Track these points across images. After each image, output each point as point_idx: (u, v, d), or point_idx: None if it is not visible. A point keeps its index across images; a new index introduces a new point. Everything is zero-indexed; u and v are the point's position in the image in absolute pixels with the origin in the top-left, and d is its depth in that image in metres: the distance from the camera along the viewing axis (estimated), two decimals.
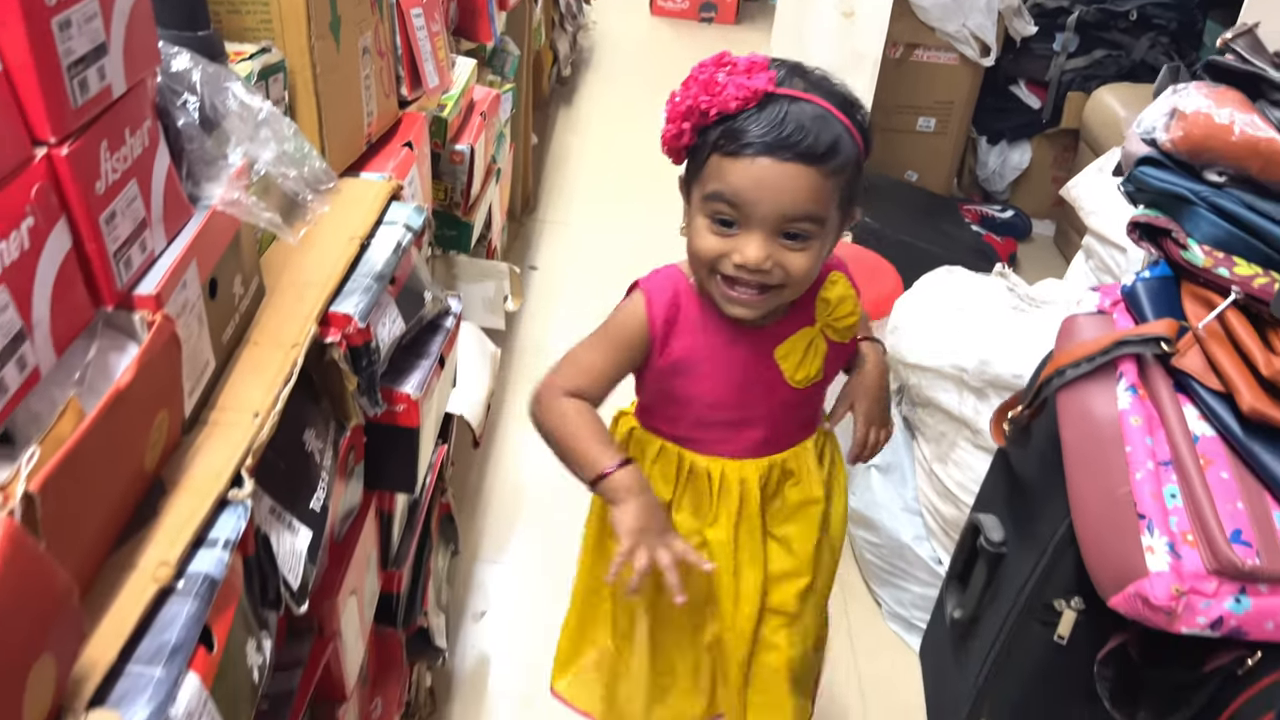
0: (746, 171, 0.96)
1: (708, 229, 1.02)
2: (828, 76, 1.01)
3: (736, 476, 1.14)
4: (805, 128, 0.94)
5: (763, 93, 0.95)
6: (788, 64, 1.01)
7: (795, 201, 0.96)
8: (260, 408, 0.89)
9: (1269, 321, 0.96)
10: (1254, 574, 0.91)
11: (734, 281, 1.01)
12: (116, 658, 0.67)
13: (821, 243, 1.01)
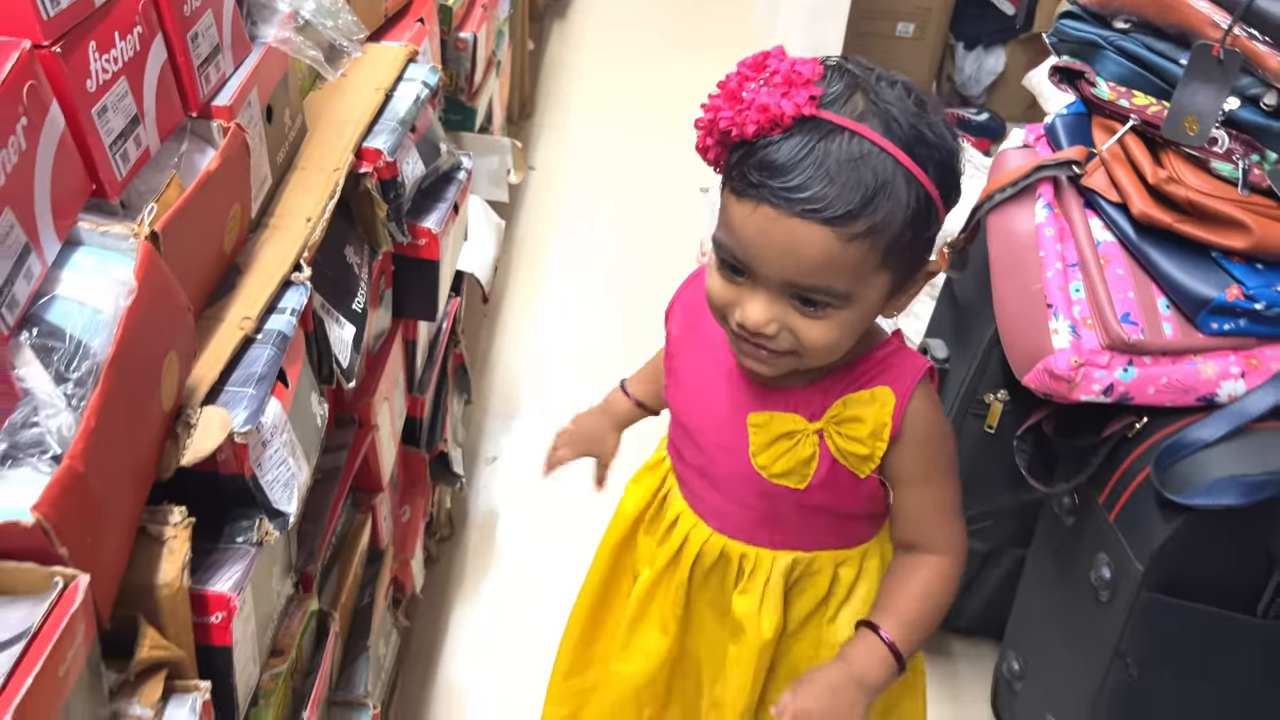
0: (749, 219, 0.78)
1: (717, 270, 0.84)
2: (906, 97, 0.79)
3: (686, 532, 1.00)
4: (827, 175, 0.75)
5: (790, 119, 0.76)
6: (851, 74, 0.79)
7: (802, 268, 0.78)
8: (311, 214, 1.06)
9: (1160, 144, 1.14)
10: (1138, 346, 1.09)
11: (740, 337, 0.85)
12: (218, 378, 0.85)
13: (851, 314, 0.81)
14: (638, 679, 1.06)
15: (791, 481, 0.92)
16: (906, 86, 0.81)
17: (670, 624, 1.03)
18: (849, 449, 0.89)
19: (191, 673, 0.78)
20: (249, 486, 0.85)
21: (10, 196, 0.68)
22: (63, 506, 0.63)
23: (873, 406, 0.88)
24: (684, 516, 1.01)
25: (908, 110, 0.78)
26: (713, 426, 0.96)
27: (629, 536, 1.09)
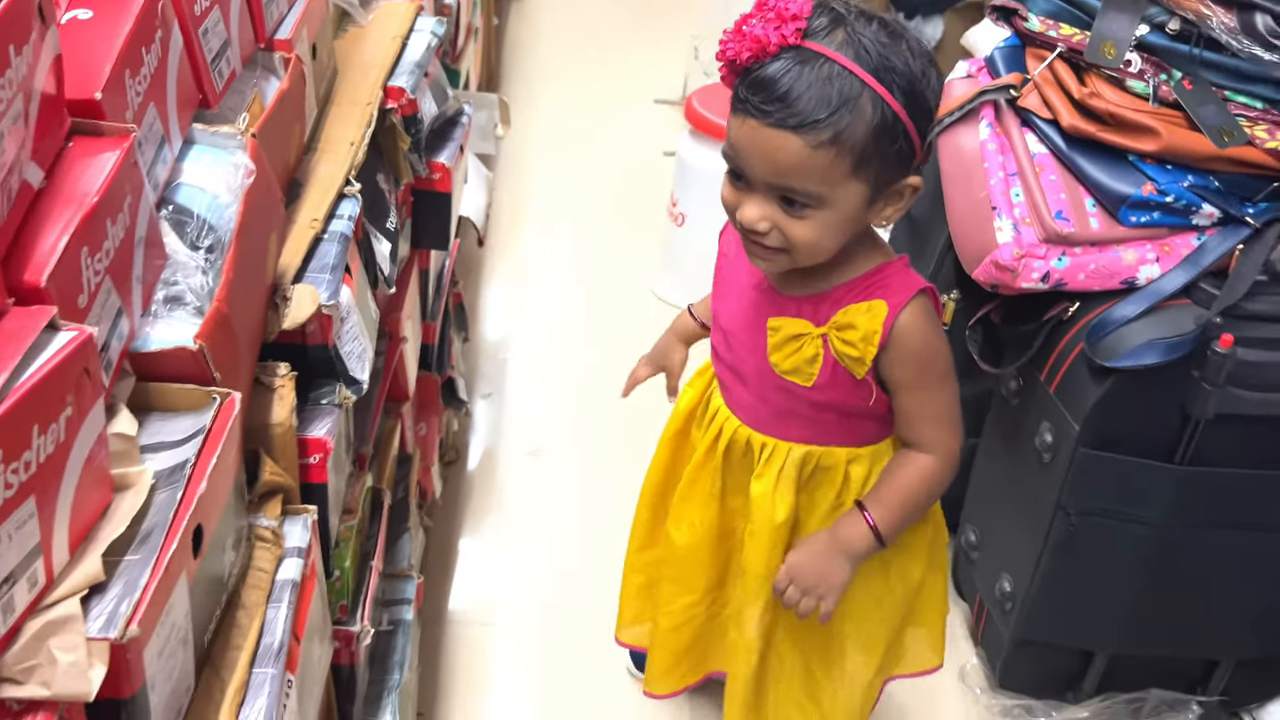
0: (739, 130, 0.94)
1: (726, 178, 1.00)
2: (885, 31, 0.93)
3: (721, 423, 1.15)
4: (798, 92, 0.89)
5: (776, 47, 0.90)
6: (835, 11, 0.93)
7: (779, 170, 0.93)
8: (354, 140, 1.21)
9: (1084, 67, 1.32)
10: (1070, 238, 1.28)
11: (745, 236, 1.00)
12: (299, 266, 1.00)
13: (828, 215, 0.95)
14: (687, 548, 1.23)
15: (799, 379, 1.06)
16: (884, 22, 0.95)
17: (711, 502, 1.20)
18: (845, 351, 1.03)
19: (299, 500, 0.93)
20: (331, 356, 1.00)
21: (154, 94, 0.83)
22: (215, 339, 0.79)
23: (867, 315, 1.01)
24: (720, 410, 1.16)
25: (879, 41, 0.92)
26: (741, 328, 1.10)
27: (684, 429, 1.24)
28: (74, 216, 0.68)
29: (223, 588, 0.78)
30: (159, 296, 0.81)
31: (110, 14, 0.80)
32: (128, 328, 0.75)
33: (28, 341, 0.60)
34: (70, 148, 0.73)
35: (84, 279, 0.68)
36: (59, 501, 0.61)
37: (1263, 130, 1.25)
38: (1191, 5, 1.25)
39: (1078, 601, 1.41)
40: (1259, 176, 1.27)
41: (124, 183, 0.73)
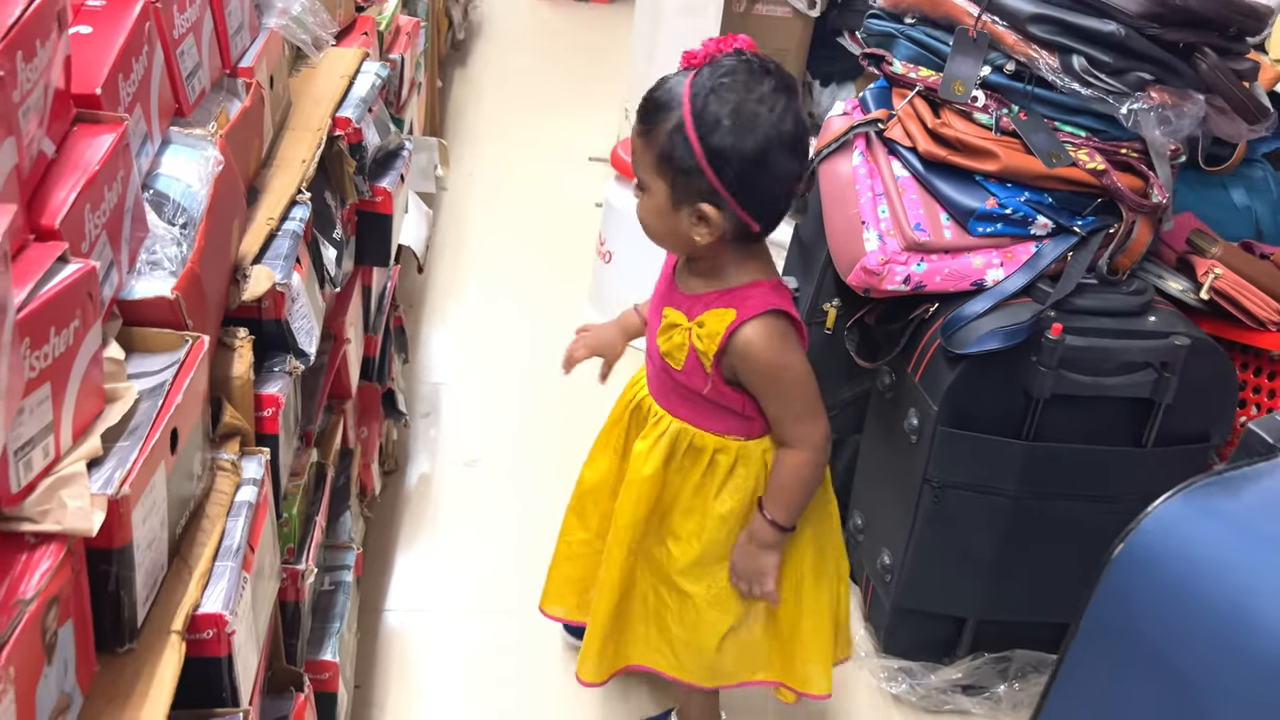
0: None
1: None
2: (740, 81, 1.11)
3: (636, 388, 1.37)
4: (648, 95, 1.17)
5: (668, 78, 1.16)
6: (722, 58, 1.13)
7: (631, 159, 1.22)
8: (305, 157, 1.39)
9: (939, 103, 1.55)
10: (926, 246, 1.49)
11: None
12: (256, 253, 1.17)
13: (649, 201, 1.18)
14: (591, 485, 1.45)
15: (673, 361, 1.26)
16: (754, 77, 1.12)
17: (615, 453, 1.42)
18: (698, 345, 1.22)
19: (254, 445, 1.08)
20: (283, 330, 1.17)
21: (140, 98, 1.00)
22: (189, 293, 0.95)
23: (717, 319, 1.20)
24: (640, 379, 1.38)
25: (720, 84, 1.11)
26: (653, 313, 1.32)
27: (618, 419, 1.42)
28: (80, 179, 0.85)
29: (190, 500, 0.94)
30: (141, 259, 0.98)
31: (106, 31, 0.98)
32: (117, 279, 0.92)
33: (45, 267, 0.77)
34: (75, 130, 0.90)
35: (86, 229, 0.85)
36: (66, 392, 0.77)
37: (1084, 154, 1.48)
38: (1023, 50, 1.48)
39: (947, 571, 1.59)
40: (1084, 193, 1.50)
41: (118, 159, 0.91)
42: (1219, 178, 2.10)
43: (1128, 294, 1.48)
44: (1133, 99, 1.42)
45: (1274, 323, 1.47)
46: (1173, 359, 1.43)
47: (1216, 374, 1.46)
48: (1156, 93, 1.43)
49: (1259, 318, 1.48)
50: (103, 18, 1.00)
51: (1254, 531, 0.75)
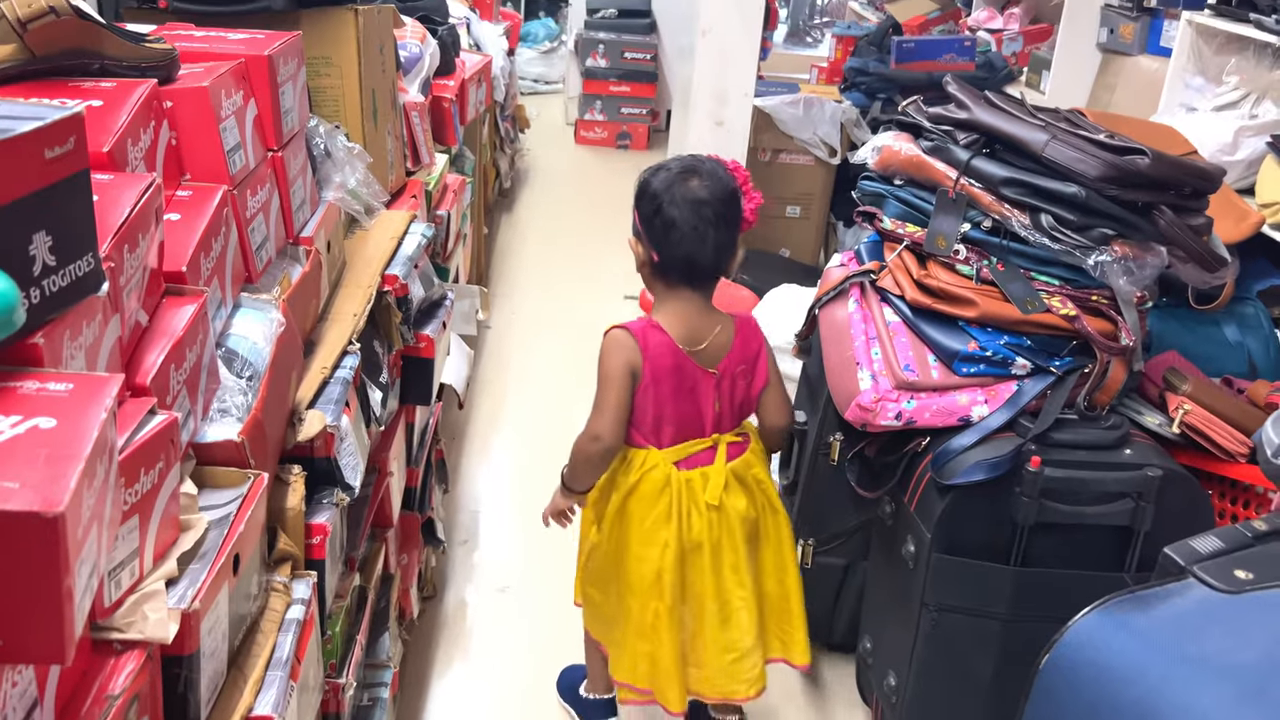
0: None
1: None
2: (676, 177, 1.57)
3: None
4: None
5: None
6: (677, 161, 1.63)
7: None
8: (356, 312, 1.58)
9: (925, 256, 1.71)
10: (915, 385, 1.63)
11: None
12: (311, 398, 1.34)
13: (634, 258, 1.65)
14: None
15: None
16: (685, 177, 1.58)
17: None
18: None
19: (304, 568, 1.23)
20: (332, 467, 1.33)
21: (217, 270, 1.19)
22: (253, 436, 1.12)
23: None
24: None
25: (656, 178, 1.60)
26: None
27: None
28: (167, 344, 1.02)
29: (247, 617, 1.08)
30: (214, 407, 1.15)
31: (192, 217, 1.17)
32: (193, 425, 1.09)
33: (138, 419, 0.94)
34: (164, 302, 1.08)
35: (171, 385, 1.02)
36: (150, 523, 0.93)
37: (1058, 301, 1.62)
38: (998, 209, 1.64)
39: (949, 692, 1.67)
40: (1060, 336, 1.63)
41: (197, 326, 1.09)
42: (1212, 315, 2.22)
43: (1105, 429, 1.60)
44: (1098, 252, 1.57)
45: (1242, 454, 1.58)
46: (1147, 489, 1.53)
47: (1191, 502, 1.57)
48: (1120, 246, 1.58)
49: (1228, 450, 1.59)
50: (189, 205, 1.19)
51: (1160, 644, 0.86)
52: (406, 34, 2.50)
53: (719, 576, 1.62)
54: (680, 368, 1.59)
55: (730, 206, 1.60)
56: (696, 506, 1.60)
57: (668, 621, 1.61)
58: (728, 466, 1.61)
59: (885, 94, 3.87)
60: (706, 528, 1.60)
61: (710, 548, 1.60)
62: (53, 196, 0.79)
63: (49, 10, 1.09)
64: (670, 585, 1.60)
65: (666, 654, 1.62)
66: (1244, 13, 2.62)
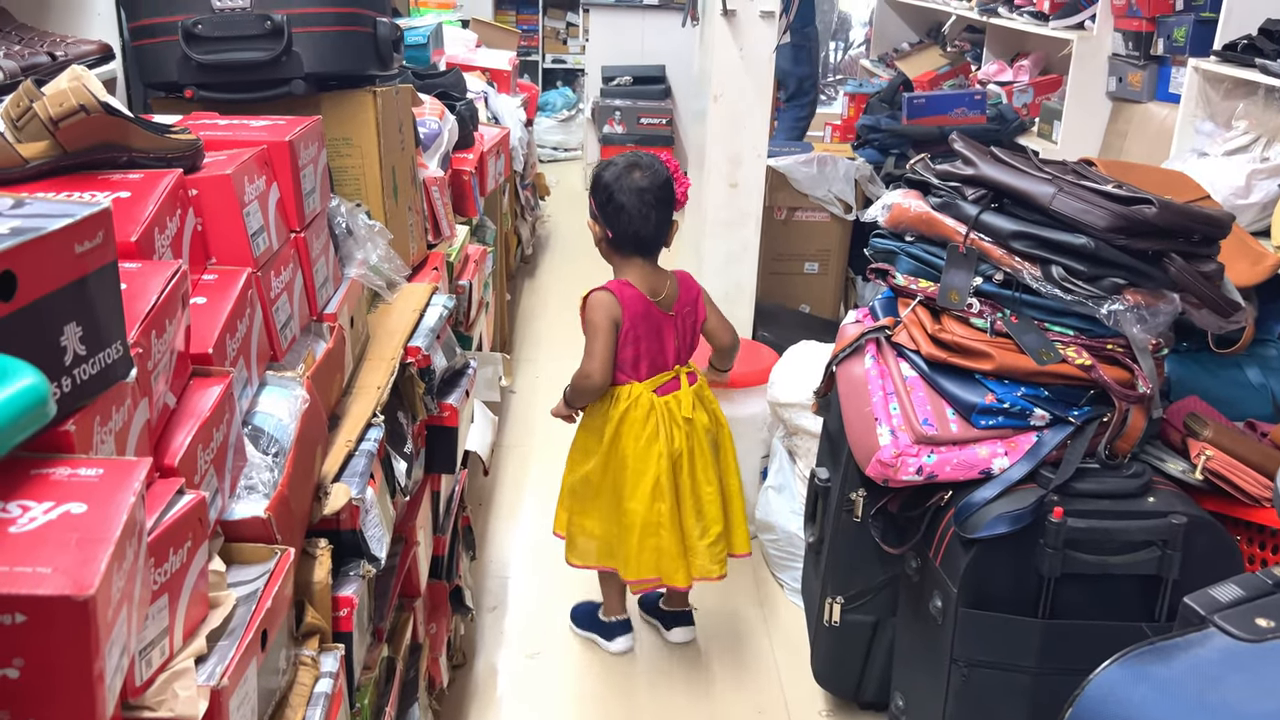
0: None
1: None
2: (625, 168, 2.08)
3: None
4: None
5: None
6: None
7: None
8: (380, 384, 1.61)
9: (939, 310, 1.72)
10: (935, 439, 1.64)
11: None
12: (337, 471, 1.37)
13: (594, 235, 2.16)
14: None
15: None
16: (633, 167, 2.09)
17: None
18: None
19: (331, 641, 1.25)
20: (357, 538, 1.35)
21: (243, 350, 1.23)
22: (279, 512, 1.14)
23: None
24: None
25: (614, 167, 2.10)
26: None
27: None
28: (194, 425, 1.05)
29: (276, 691, 1.10)
30: (240, 485, 1.18)
31: (217, 300, 1.21)
32: (221, 503, 1.11)
33: (166, 499, 0.96)
34: (191, 383, 1.12)
35: (198, 465, 1.05)
36: (180, 601, 0.95)
37: (1073, 351, 1.63)
38: (1008, 262, 1.66)
39: None
40: (1077, 386, 1.64)
41: (224, 406, 1.12)
42: (1234, 358, 2.22)
43: (1127, 477, 1.59)
44: (1111, 301, 1.58)
45: (1267, 498, 1.57)
46: (1173, 536, 1.53)
47: (1218, 548, 1.55)
48: (1132, 295, 1.59)
49: (1252, 494, 1.58)
50: (215, 289, 1.23)
51: (1181, 694, 0.86)
52: (425, 111, 2.57)
53: (694, 478, 2.08)
54: (649, 313, 2.09)
55: (666, 191, 2.09)
56: (675, 423, 2.06)
57: (669, 518, 2.05)
58: (690, 389, 2.10)
59: (898, 150, 3.91)
60: (684, 439, 2.06)
61: (687, 455, 2.07)
62: (83, 289, 0.83)
63: (79, 109, 1.14)
64: (667, 488, 2.04)
65: (671, 544, 2.06)
66: (1249, 58, 2.64)
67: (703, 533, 2.08)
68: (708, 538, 2.08)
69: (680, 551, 2.06)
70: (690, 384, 2.11)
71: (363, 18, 1.84)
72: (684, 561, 2.07)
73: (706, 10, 3.17)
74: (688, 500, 2.06)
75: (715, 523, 2.08)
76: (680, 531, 2.06)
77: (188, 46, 1.71)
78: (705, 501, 2.08)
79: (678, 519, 2.05)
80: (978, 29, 4.80)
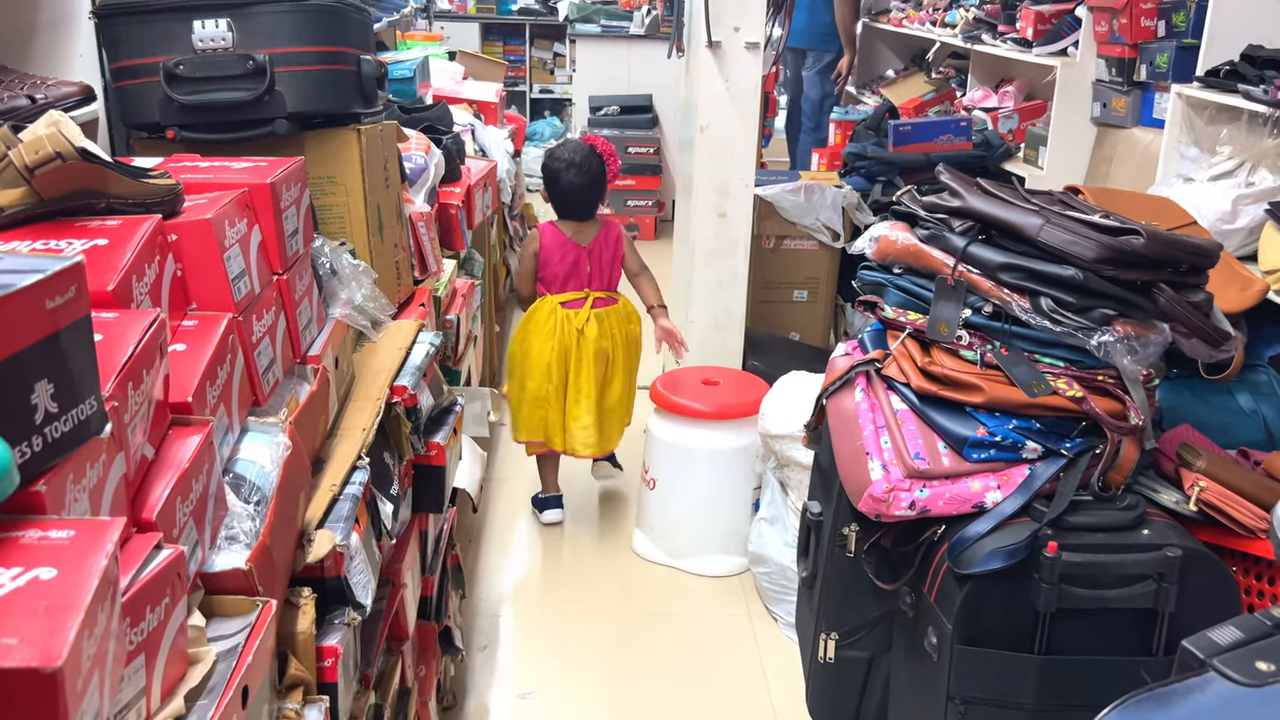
0: None
1: None
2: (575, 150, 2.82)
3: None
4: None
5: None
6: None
7: None
8: (365, 426, 1.59)
9: (928, 342, 1.71)
10: (927, 473, 1.62)
11: None
12: (321, 517, 1.35)
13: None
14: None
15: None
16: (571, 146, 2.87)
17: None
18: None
19: (316, 692, 1.22)
20: (342, 585, 1.33)
21: (224, 398, 1.21)
22: (260, 563, 1.12)
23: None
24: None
25: (553, 162, 2.86)
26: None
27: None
28: (173, 476, 1.03)
29: None
30: (221, 536, 1.15)
31: (197, 346, 1.19)
32: (201, 555, 1.09)
33: (143, 555, 0.94)
34: (170, 433, 1.10)
35: (177, 518, 1.03)
36: (157, 660, 0.92)
37: (1064, 383, 1.62)
38: (997, 294, 1.65)
39: None
40: (1069, 417, 1.63)
41: (204, 456, 1.10)
42: (1224, 384, 2.21)
43: (1120, 509, 1.58)
44: (1100, 332, 1.57)
45: (1262, 530, 1.55)
46: (1169, 569, 1.51)
47: (1215, 581, 1.54)
48: (1122, 326, 1.58)
49: (1247, 525, 1.57)
50: (195, 335, 1.21)
51: None
52: (411, 146, 2.56)
53: (577, 377, 2.78)
54: (564, 244, 2.83)
55: (597, 177, 2.82)
56: (568, 330, 2.77)
57: (554, 396, 2.79)
58: (592, 311, 2.78)
59: (885, 177, 3.92)
60: (573, 344, 2.77)
61: (574, 357, 2.77)
62: (54, 345, 0.81)
63: (55, 156, 1.12)
64: (555, 375, 2.77)
65: (554, 416, 2.81)
66: (1232, 84, 2.65)
67: (575, 419, 2.79)
68: (578, 424, 2.79)
69: (560, 425, 2.81)
70: (596, 306, 2.79)
71: (346, 56, 1.83)
72: (561, 434, 2.81)
73: (692, 42, 3.18)
74: (571, 390, 2.78)
75: (587, 414, 2.77)
76: (562, 410, 2.80)
77: (169, 87, 1.70)
78: (582, 395, 2.77)
79: (562, 400, 2.79)
80: (962, 55, 4.83)
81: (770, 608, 2.49)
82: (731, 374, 2.87)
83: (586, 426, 2.76)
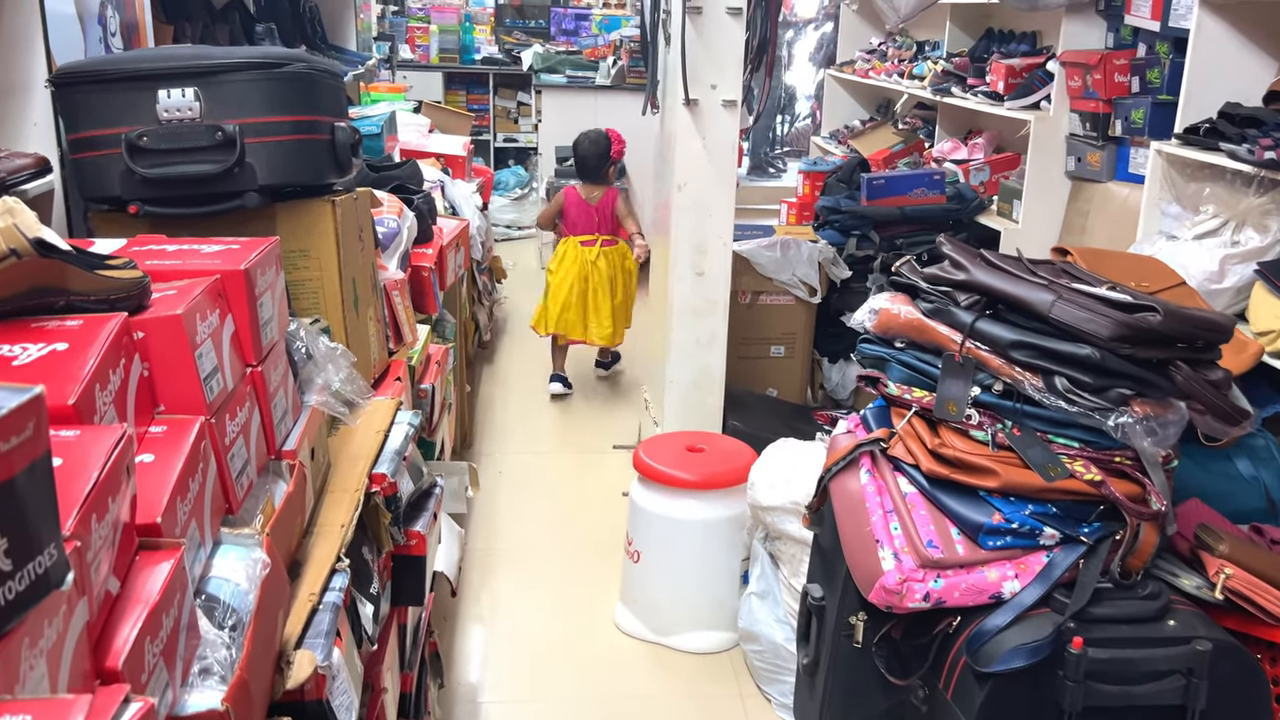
0: None
1: None
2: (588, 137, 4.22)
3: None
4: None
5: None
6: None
7: None
8: (343, 522, 1.48)
9: (937, 421, 1.64)
10: (941, 563, 1.54)
11: None
12: (299, 633, 1.24)
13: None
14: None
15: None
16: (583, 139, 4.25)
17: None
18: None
19: None
20: (323, 709, 1.21)
21: (195, 512, 1.10)
22: (237, 699, 1.01)
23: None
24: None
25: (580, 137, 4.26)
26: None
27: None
28: (142, 613, 0.92)
29: None
30: (194, 669, 1.04)
31: (167, 457, 1.09)
32: (171, 697, 0.98)
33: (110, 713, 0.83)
34: (137, 560, 0.99)
35: (146, 661, 0.92)
36: None
37: (1080, 465, 1.55)
38: (1008, 372, 1.58)
39: None
40: (1087, 501, 1.56)
41: (174, 586, 0.99)
42: (1223, 450, 2.16)
43: (1144, 598, 1.51)
44: (1118, 413, 1.50)
45: None
46: (1198, 664, 1.44)
47: (1244, 674, 1.47)
48: (1139, 405, 1.51)
49: (1276, 615, 1.50)
50: (164, 443, 1.11)
51: None
52: (384, 209, 2.47)
53: (595, 294, 4.07)
54: (579, 202, 4.15)
55: (604, 149, 4.16)
56: (584, 261, 4.07)
57: (576, 304, 4.05)
58: (600, 249, 4.09)
59: (859, 230, 3.89)
60: (591, 272, 4.07)
61: (592, 279, 4.07)
62: (9, 494, 0.71)
63: (10, 253, 1.02)
64: (576, 289, 4.06)
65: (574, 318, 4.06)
66: (1213, 142, 2.63)
67: (596, 323, 4.08)
68: (595, 322, 4.07)
69: (580, 323, 4.08)
70: (603, 246, 4.11)
71: (320, 125, 1.74)
72: (582, 329, 4.09)
73: (667, 99, 3.12)
74: (589, 301, 4.08)
75: (605, 318, 4.08)
76: (581, 313, 4.07)
77: (132, 160, 1.60)
78: (599, 307, 4.08)
79: (582, 307, 4.06)
80: (929, 106, 4.83)
81: (763, 688, 2.38)
82: (715, 439, 2.79)
83: (604, 325, 4.04)
